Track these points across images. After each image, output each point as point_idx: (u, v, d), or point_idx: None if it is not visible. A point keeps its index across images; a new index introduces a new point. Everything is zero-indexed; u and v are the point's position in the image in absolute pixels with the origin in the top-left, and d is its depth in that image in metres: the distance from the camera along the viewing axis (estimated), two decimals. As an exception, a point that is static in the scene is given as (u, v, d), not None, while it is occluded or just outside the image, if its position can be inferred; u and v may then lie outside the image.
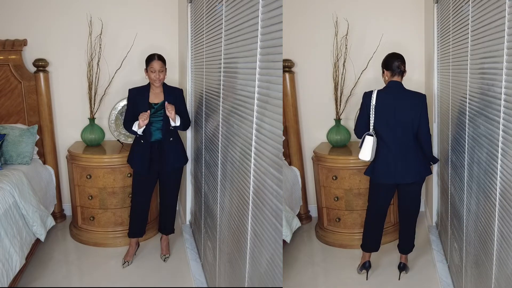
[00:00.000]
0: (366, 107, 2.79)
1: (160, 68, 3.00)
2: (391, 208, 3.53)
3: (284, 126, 3.74)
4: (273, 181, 1.59)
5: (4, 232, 2.62)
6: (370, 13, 3.77)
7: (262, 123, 1.69)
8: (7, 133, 3.43)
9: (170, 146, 3.08)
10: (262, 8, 1.61)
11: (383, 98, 2.76)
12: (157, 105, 3.04)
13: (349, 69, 3.71)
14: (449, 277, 2.95)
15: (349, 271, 3.16)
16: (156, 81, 3.00)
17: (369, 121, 2.79)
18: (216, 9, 2.43)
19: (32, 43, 3.70)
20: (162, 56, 3.05)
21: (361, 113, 2.85)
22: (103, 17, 3.66)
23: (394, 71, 2.79)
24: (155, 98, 3.06)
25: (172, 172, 3.17)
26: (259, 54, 1.67)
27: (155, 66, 2.98)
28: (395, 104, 2.75)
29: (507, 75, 1.77)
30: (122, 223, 3.47)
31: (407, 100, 2.77)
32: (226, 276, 2.35)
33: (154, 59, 2.99)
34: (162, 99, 3.06)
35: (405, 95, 2.79)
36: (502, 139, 1.85)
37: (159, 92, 3.07)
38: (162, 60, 3.03)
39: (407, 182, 2.84)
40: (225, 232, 2.35)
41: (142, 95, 3.04)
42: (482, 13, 2.09)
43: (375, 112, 2.76)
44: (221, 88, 2.36)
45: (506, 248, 1.82)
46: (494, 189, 1.94)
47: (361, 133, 2.83)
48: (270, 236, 1.65)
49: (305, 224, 3.89)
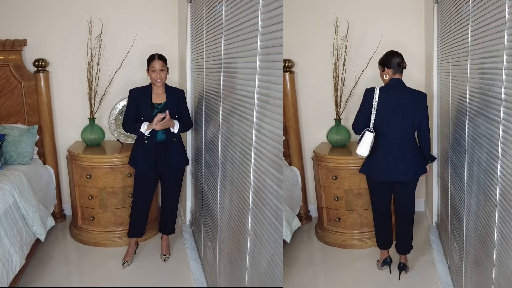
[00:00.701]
0: (368, 104, 2.79)
1: (161, 67, 2.99)
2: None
3: (284, 126, 3.74)
4: (273, 181, 1.59)
5: (4, 232, 2.62)
6: (370, 13, 3.77)
7: (262, 123, 1.69)
8: (7, 133, 3.43)
9: (174, 147, 3.08)
10: (262, 8, 1.61)
11: (386, 95, 2.77)
12: (160, 105, 3.04)
13: (349, 69, 3.71)
14: (449, 277, 2.95)
15: (349, 271, 3.16)
16: (157, 81, 2.99)
17: (369, 118, 2.79)
18: (216, 9, 2.43)
19: (32, 43, 3.70)
20: (163, 56, 3.05)
21: (362, 109, 2.84)
22: (103, 17, 3.66)
23: (395, 69, 2.80)
24: (157, 99, 3.05)
25: (174, 172, 3.17)
26: (259, 54, 1.67)
27: (156, 66, 2.98)
28: (397, 102, 2.77)
29: (507, 75, 1.77)
30: (122, 223, 3.47)
31: (408, 98, 2.78)
32: (226, 276, 2.35)
33: (154, 59, 2.99)
34: (165, 99, 3.05)
35: (407, 93, 2.80)
36: (502, 139, 1.85)
37: (161, 93, 3.07)
38: (163, 59, 3.03)
39: (405, 180, 2.86)
40: (225, 232, 2.35)
41: (145, 95, 3.04)
42: (482, 13, 2.09)
43: (377, 109, 2.76)
44: (221, 88, 2.36)
45: (506, 248, 1.82)
46: (494, 189, 1.94)
47: (360, 129, 2.81)
48: (270, 236, 1.65)
49: (305, 224, 3.89)
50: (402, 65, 2.80)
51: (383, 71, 2.85)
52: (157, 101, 3.04)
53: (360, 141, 2.79)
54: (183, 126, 3.08)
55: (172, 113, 3.01)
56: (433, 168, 3.54)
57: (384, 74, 2.85)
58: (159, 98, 3.05)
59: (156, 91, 3.06)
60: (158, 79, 2.99)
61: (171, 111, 3.00)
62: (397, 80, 2.80)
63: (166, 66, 3.04)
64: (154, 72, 2.98)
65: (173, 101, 3.04)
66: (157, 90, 3.06)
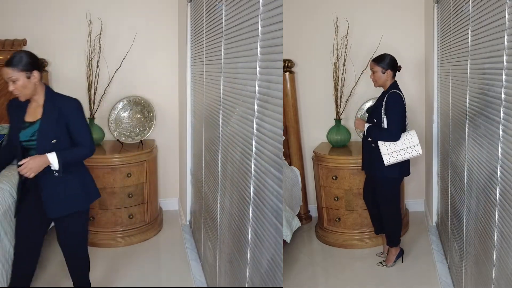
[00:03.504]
0: (404, 110, 2.89)
1: (10, 76, 2.12)
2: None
3: (284, 126, 3.74)
4: (274, 181, 1.59)
5: (4, 233, 2.62)
6: (370, 13, 3.77)
7: (262, 123, 1.69)
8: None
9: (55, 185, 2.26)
10: (262, 7, 1.60)
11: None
12: (31, 125, 2.24)
13: (349, 69, 3.71)
14: (449, 277, 2.95)
15: (349, 271, 3.16)
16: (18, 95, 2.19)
17: (405, 123, 2.92)
18: (216, 8, 2.43)
19: (32, 43, 3.69)
20: (17, 59, 2.12)
21: (401, 117, 2.88)
22: (102, 16, 3.66)
23: (395, 72, 2.93)
24: (30, 115, 2.26)
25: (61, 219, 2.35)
26: (259, 54, 1.67)
27: (4, 75, 2.14)
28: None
29: (507, 75, 1.77)
30: (121, 223, 3.47)
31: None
32: (227, 276, 2.35)
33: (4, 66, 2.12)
34: (39, 116, 2.22)
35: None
36: (502, 139, 1.84)
37: (36, 106, 2.26)
38: (16, 64, 2.11)
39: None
40: (225, 232, 2.34)
41: (20, 108, 2.28)
42: (482, 13, 2.09)
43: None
44: (221, 87, 2.36)
45: (506, 248, 1.81)
46: (494, 189, 1.94)
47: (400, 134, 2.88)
48: (270, 236, 1.65)
49: (305, 224, 3.89)
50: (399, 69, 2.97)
51: (384, 72, 2.87)
52: (29, 118, 2.23)
53: (410, 142, 2.86)
54: (65, 156, 2.18)
55: (46, 135, 2.18)
56: (433, 168, 3.54)
57: (384, 75, 2.88)
58: (33, 113, 2.23)
59: (32, 104, 2.24)
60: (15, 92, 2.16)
61: (45, 134, 2.17)
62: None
63: (21, 72, 2.11)
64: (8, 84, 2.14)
65: (51, 118, 2.19)
66: (33, 103, 2.24)
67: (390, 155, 2.85)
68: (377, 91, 3.07)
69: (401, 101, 2.85)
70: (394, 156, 2.85)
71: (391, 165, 2.88)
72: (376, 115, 2.91)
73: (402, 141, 2.84)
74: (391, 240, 3.13)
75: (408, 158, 2.88)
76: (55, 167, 2.16)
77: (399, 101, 2.84)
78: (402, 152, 2.84)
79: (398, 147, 2.84)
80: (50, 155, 2.15)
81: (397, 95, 2.84)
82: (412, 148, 2.85)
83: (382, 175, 2.96)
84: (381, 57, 2.92)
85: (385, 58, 2.89)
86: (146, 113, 3.81)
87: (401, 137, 2.84)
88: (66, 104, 2.24)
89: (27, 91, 2.16)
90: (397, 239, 3.12)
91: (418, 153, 2.86)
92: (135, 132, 3.79)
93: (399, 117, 2.85)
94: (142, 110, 3.81)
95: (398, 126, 2.84)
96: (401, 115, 2.86)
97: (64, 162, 2.17)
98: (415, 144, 2.85)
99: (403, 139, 2.85)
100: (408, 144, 2.85)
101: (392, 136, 2.83)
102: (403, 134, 2.86)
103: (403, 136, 2.85)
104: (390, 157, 2.85)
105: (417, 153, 2.86)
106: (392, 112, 2.83)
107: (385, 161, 2.85)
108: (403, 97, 2.87)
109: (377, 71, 2.90)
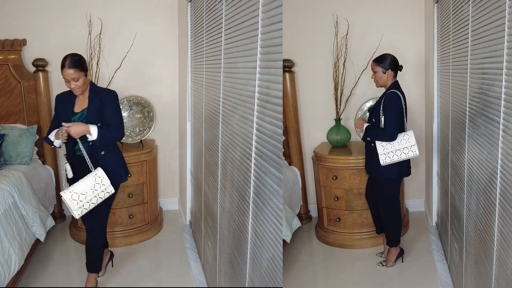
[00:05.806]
0: (401, 110, 2.87)
1: (72, 76, 2.52)
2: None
3: (284, 126, 3.74)
4: (274, 181, 1.59)
5: (4, 233, 2.61)
6: (370, 13, 3.77)
7: (262, 123, 1.69)
8: (6, 133, 3.42)
9: (102, 162, 2.64)
10: (262, 7, 1.60)
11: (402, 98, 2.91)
12: (77, 114, 2.66)
13: (349, 69, 3.71)
14: (449, 277, 2.95)
15: (349, 271, 3.15)
16: (76, 91, 2.59)
17: (403, 123, 2.89)
18: (216, 8, 2.43)
19: (32, 42, 3.69)
20: (77, 59, 2.55)
21: (397, 117, 2.86)
22: (102, 16, 3.66)
23: (396, 72, 2.93)
24: (78, 106, 2.67)
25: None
26: (259, 54, 1.67)
27: (66, 76, 2.53)
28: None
29: (507, 75, 1.77)
30: (121, 223, 3.47)
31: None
32: (227, 276, 2.35)
33: (64, 67, 2.52)
34: (86, 106, 2.64)
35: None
36: (502, 139, 1.84)
37: (83, 99, 2.67)
38: (77, 65, 2.53)
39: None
40: (225, 232, 2.34)
41: (67, 102, 2.69)
42: (482, 13, 2.09)
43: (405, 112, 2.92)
44: (221, 87, 2.36)
45: (506, 248, 1.81)
46: (494, 189, 1.94)
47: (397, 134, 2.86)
48: (270, 236, 1.65)
49: (305, 224, 3.89)
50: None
51: (384, 73, 2.87)
52: (77, 109, 2.65)
53: (407, 143, 2.85)
54: (104, 132, 2.57)
55: (92, 121, 2.59)
56: (433, 168, 3.54)
57: (385, 75, 2.88)
58: (80, 104, 2.65)
59: (79, 97, 2.66)
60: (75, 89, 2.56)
61: (90, 119, 2.59)
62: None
63: (81, 72, 2.53)
64: (68, 82, 2.55)
65: (95, 106, 2.61)
66: (80, 96, 2.65)
67: (386, 155, 2.84)
68: (377, 91, 3.07)
69: (399, 101, 2.84)
70: (390, 156, 2.84)
71: (389, 166, 2.88)
72: (375, 115, 2.92)
73: (398, 141, 2.84)
74: (391, 240, 3.13)
75: (404, 159, 2.87)
76: (94, 137, 2.54)
77: (397, 101, 2.83)
78: (398, 153, 2.84)
79: (395, 147, 2.84)
80: (92, 126, 2.54)
81: (395, 95, 2.84)
82: (408, 149, 2.84)
83: (381, 175, 2.96)
84: (381, 57, 2.92)
85: (386, 59, 2.90)
86: (146, 113, 3.81)
87: (398, 137, 2.84)
88: (106, 95, 2.67)
89: (85, 87, 2.60)
90: (397, 239, 3.12)
91: (414, 153, 2.85)
92: (135, 132, 3.79)
93: (395, 117, 2.85)
94: (142, 110, 3.81)
95: (395, 126, 2.84)
96: (398, 115, 2.85)
97: (101, 135, 2.55)
98: (412, 144, 2.84)
99: (400, 139, 2.84)
100: (404, 144, 2.84)
101: (388, 136, 2.83)
102: (400, 134, 2.85)
103: (400, 136, 2.84)
104: (386, 157, 2.85)
105: (413, 154, 2.85)
106: (389, 112, 2.83)
107: (381, 161, 2.85)
108: (402, 97, 2.86)
109: (378, 71, 2.90)
